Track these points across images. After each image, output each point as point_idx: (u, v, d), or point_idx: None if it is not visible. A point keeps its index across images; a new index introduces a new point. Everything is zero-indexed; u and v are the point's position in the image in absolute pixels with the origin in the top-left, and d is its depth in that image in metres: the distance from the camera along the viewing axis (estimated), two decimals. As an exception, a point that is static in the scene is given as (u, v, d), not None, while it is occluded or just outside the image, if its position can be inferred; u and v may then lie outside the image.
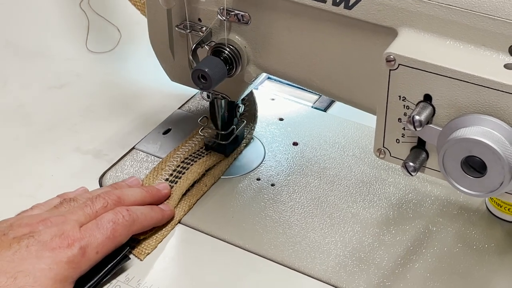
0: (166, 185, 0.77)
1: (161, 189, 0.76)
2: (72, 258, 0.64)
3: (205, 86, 0.68)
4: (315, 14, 0.64)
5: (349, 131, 0.86)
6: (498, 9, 0.55)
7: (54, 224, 0.66)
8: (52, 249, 0.64)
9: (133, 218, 0.69)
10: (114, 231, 0.68)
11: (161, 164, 0.80)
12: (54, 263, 0.63)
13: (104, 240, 0.67)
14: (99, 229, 0.67)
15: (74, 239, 0.65)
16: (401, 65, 0.56)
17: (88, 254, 0.66)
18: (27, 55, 1.00)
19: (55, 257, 0.64)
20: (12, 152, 0.84)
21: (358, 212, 0.76)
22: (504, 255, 0.71)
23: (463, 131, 0.55)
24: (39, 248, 0.64)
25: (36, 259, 0.63)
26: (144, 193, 0.74)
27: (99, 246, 0.66)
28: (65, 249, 0.64)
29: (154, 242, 0.73)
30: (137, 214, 0.70)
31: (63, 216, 0.68)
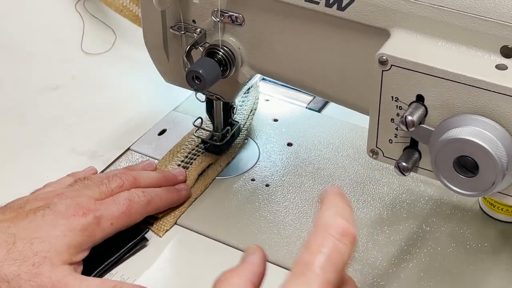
0: (182, 170, 0.78)
1: (177, 174, 0.77)
2: (86, 226, 0.66)
3: (199, 87, 0.69)
4: (309, 15, 0.64)
5: (343, 132, 0.86)
6: (490, 10, 0.55)
7: (69, 197, 0.68)
8: (67, 217, 0.66)
9: (148, 198, 0.71)
10: (130, 207, 0.69)
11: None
12: (69, 230, 0.65)
13: (119, 214, 0.68)
14: (115, 203, 0.69)
15: (89, 209, 0.67)
16: (394, 66, 0.57)
17: (102, 224, 0.67)
18: (22, 56, 1.00)
19: (70, 224, 0.65)
20: (7, 153, 0.84)
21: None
22: (498, 255, 0.71)
23: (455, 131, 0.55)
24: (54, 217, 0.66)
25: (52, 226, 0.65)
26: (160, 176, 0.75)
27: (114, 219, 0.68)
28: (80, 217, 0.66)
29: (172, 218, 0.75)
30: (152, 196, 0.72)
31: (78, 191, 0.70)
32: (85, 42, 1.02)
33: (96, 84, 0.95)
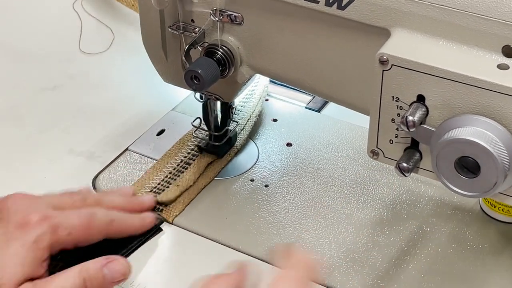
0: (150, 197, 0.75)
1: (144, 201, 0.74)
2: (40, 236, 0.61)
3: (198, 87, 0.68)
4: (308, 14, 0.64)
5: (343, 132, 0.86)
6: (491, 9, 0.55)
7: (24, 203, 0.64)
8: (20, 229, 0.61)
9: (111, 218, 0.67)
10: (91, 221, 0.65)
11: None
12: (21, 245, 0.60)
13: (78, 225, 0.64)
14: (76, 214, 0.64)
15: (45, 216, 0.62)
16: (394, 66, 0.56)
17: (59, 233, 0.62)
18: (20, 56, 1.00)
19: (23, 238, 0.61)
20: (5, 154, 0.84)
21: (352, 213, 0.76)
22: (498, 255, 0.71)
23: (457, 131, 0.55)
24: (6, 231, 0.61)
25: (3, 243, 0.61)
26: (125, 202, 0.72)
27: (72, 228, 0.63)
28: (34, 226, 0.61)
29: (181, 205, 0.76)
30: (115, 217, 0.68)
31: (37, 197, 0.66)
32: (83, 41, 1.01)
33: (94, 84, 0.95)
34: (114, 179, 0.80)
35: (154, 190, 0.77)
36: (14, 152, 0.84)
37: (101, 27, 1.03)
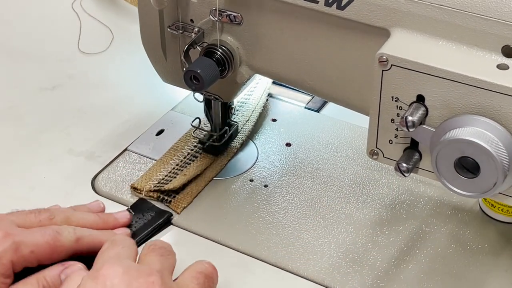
0: (126, 213, 0.73)
1: (118, 218, 0.72)
2: (2, 253, 0.61)
3: (197, 87, 0.68)
4: (308, 14, 0.63)
5: (342, 132, 0.86)
6: (491, 9, 0.55)
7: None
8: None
9: (78, 236, 0.65)
10: (56, 239, 0.64)
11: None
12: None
13: (42, 243, 0.63)
14: (40, 231, 0.64)
15: (7, 233, 0.62)
16: (394, 66, 0.56)
17: (21, 250, 0.62)
18: (19, 56, 1.00)
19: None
20: (4, 154, 0.84)
21: (351, 213, 0.75)
22: (498, 256, 0.71)
23: (456, 131, 0.55)
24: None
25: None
26: (97, 219, 0.70)
27: (35, 246, 0.62)
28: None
29: (189, 197, 0.77)
30: (83, 234, 0.66)
31: (2, 215, 0.65)
32: (82, 41, 1.01)
33: (93, 84, 0.95)
34: (113, 179, 0.80)
35: (162, 182, 0.78)
36: (14, 152, 0.84)
37: (100, 27, 1.03)
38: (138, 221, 0.74)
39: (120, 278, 0.57)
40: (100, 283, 0.57)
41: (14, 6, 1.09)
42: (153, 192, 0.77)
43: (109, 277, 0.57)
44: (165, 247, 0.65)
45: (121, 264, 0.59)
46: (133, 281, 0.57)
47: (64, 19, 1.05)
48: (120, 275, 0.57)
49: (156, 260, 0.62)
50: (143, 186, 0.78)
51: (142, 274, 0.58)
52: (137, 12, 0.74)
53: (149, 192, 0.77)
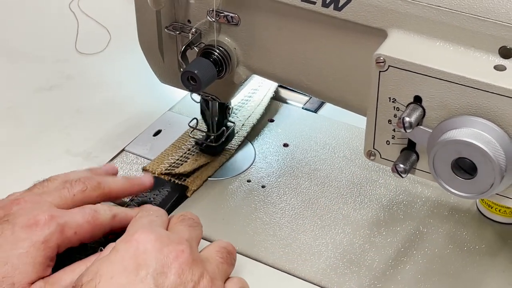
0: (150, 176, 0.75)
1: (143, 180, 0.74)
2: (49, 236, 0.62)
3: (194, 88, 0.68)
4: (305, 15, 0.63)
5: (340, 133, 0.86)
6: (488, 11, 0.55)
7: (28, 204, 0.65)
8: (28, 230, 0.62)
9: (114, 213, 0.68)
10: (95, 218, 0.66)
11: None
12: (31, 245, 0.62)
13: (83, 223, 0.65)
14: (79, 212, 0.65)
15: (51, 216, 0.63)
16: (391, 67, 0.56)
17: (66, 232, 0.64)
18: (16, 57, 1.00)
19: (31, 238, 0.62)
20: (2, 154, 0.84)
21: (348, 213, 0.75)
22: (495, 256, 0.71)
23: (453, 132, 0.55)
24: (13, 232, 0.62)
25: (12, 244, 0.62)
26: (125, 182, 0.72)
27: (78, 227, 0.64)
28: (41, 228, 0.62)
29: (199, 180, 0.79)
30: (118, 211, 0.69)
31: (38, 196, 0.66)
32: (80, 42, 1.01)
33: (91, 85, 0.95)
34: (111, 179, 0.80)
35: (173, 165, 0.80)
36: (11, 152, 0.84)
37: (98, 27, 1.03)
38: (156, 198, 0.76)
39: (152, 244, 0.60)
40: (133, 247, 0.60)
41: (12, 7, 1.09)
42: (164, 175, 0.79)
43: (142, 242, 0.60)
44: (194, 219, 0.68)
45: (154, 231, 0.61)
46: (164, 248, 0.60)
47: (62, 19, 1.05)
48: (152, 241, 0.60)
49: (185, 230, 0.65)
50: (154, 169, 0.79)
51: (173, 242, 0.61)
52: (134, 13, 0.74)
53: (160, 174, 0.79)
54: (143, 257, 0.59)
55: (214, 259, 0.64)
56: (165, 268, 0.59)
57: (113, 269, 0.58)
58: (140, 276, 0.58)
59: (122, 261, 0.59)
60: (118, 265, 0.58)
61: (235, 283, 0.64)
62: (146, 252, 0.59)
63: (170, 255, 0.59)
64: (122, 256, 0.59)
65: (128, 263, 0.58)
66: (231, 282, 0.64)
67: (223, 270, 0.64)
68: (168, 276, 0.58)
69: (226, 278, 0.65)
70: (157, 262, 0.59)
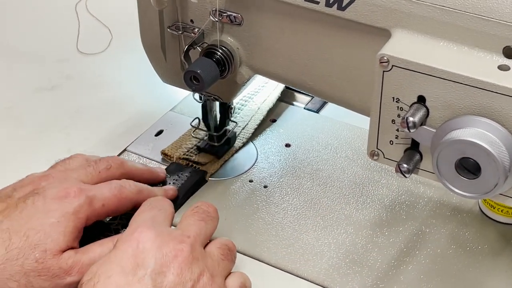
0: (162, 169, 0.78)
1: (158, 171, 0.77)
2: (78, 208, 0.65)
3: (197, 88, 0.68)
4: (308, 15, 0.63)
5: (342, 133, 0.86)
6: (492, 10, 0.55)
7: (56, 179, 0.68)
8: (58, 201, 0.65)
9: (139, 188, 0.70)
10: (121, 191, 0.68)
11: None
12: (62, 216, 0.64)
13: (110, 196, 0.67)
14: (106, 186, 0.68)
15: (80, 189, 0.66)
16: (395, 67, 0.56)
17: (94, 204, 0.66)
18: (17, 56, 1.00)
19: (62, 209, 0.64)
20: (2, 154, 0.84)
21: (351, 213, 0.75)
22: (498, 257, 0.71)
23: (457, 132, 0.55)
24: (44, 203, 0.64)
25: (44, 213, 0.64)
26: (144, 167, 0.76)
27: (106, 200, 0.67)
28: (71, 199, 0.65)
29: (217, 165, 0.80)
30: (142, 187, 0.71)
31: (63, 173, 0.69)
32: (81, 41, 1.01)
33: (92, 85, 0.95)
34: (113, 179, 0.79)
35: (191, 150, 0.81)
36: (12, 152, 0.84)
37: (99, 27, 1.03)
38: (176, 182, 0.77)
39: (151, 242, 0.60)
40: (132, 246, 0.60)
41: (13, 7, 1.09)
42: (182, 160, 0.80)
43: (142, 241, 0.60)
44: (208, 212, 0.68)
45: (154, 229, 0.62)
46: (163, 246, 0.60)
47: (63, 19, 1.05)
48: (152, 240, 0.60)
49: (193, 224, 0.65)
50: (173, 153, 0.80)
51: (173, 240, 0.61)
52: (136, 12, 0.74)
53: (178, 159, 0.80)
54: (142, 257, 0.59)
55: (215, 256, 0.64)
56: (164, 268, 0.59)
57: (112, 269, 0.59)
58: (138, 276, 0.58)
59: (121, 261, 0.59)
60: (117, 265, 0.59)
61: (236, 278, 0.65)
62: (145, 251, 0.60)
63: (169, 254, 0.60)
64: (121, 255, 0.60)
65: (126, 262, 0.59)
66: (232, 277, 0.65)
67: (224, 266, 0.64)
68: (167, 276, 0.59)
69: (228, 274, 0.65)
70: (156, 262, 0.59)
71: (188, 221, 0.66)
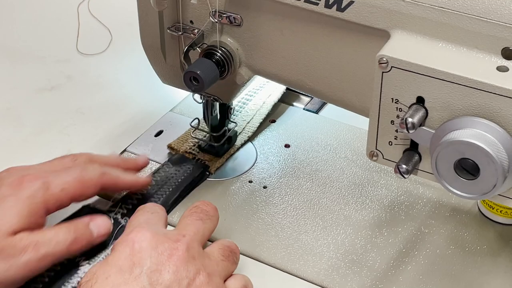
0: (144, 156, 0.79)
1: (138, 160, 0.77)
2: (34, 192, 0.65)
3: (197, 89, 0.68)
4: (308, 16, 0.63)
5: (341, 133, 0.86)
6: (491, 11, 0.55)
7: (17, 171, 0.68)
8: (13, 188, 0.65)
9: (102, 171, 0.70)
10: (82, 175, 0.68)
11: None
12: (16, 199, 0.65)
13: (71, 180, 0.67)
14: (66, 171, 0.68)
15: (37, 176, 0.66)
16: (394, 68, 0.56)
17: (52, 189, 0.66)
18: (17, 57, 1.00)
19: (16, 194, 0.65)
20: (2, 155, 0.84)
21: (350, 214, 0.76)
22: (496, 257, 0.71)
23: (456, 133, 0.55)
24: (1, 190, 0.65)
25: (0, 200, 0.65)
26: (118, 159, 0.75)
27: (65, 184, 0.67)
28: (26, 185, 0.65)
29: (223, 158, 0.81)
30: (107, 170, 0.70)
31: (26, 166, 0.70)
32: (81, 42, 1.01)
33: (92, 85, 0.95)
34: (112, 180, 0.80)
35: (198, 144, 0.82)
36: (12, 153, 0.84)
37: (99, 27, 1.03)
38: (177, 174, 0.78)
39: (147, 242, 0.61)
40: (128, 246, 0.61)
41: (13, 7, 1.09)
42: (188, 154, 0.81)
43: (138, 241, 0.61)
44: (207, 211, 0.68)
45: (150, 229, 0.63)
46: (159, 246, 0.61)
47: (63, 19, 1.05)
48: (148, 239, 0.61)
49: (191, 223, 0.66)
50: (179, 147, 0.82)
51: (169, 239, 0.62)
52: (135, 13, 0.74)
53: (184, 152, 0.81)
54: (139, 256, 0.60)
55: (215, 257, 0.64)
56: (159, 266, 0.60)
57: (110, 270, 0.60)
58: (135, 274, 0.59)
59: (118, 261, 0.60)
60: (114, 265, 0.60)
61: (238, 280, 0.65)
62: (141, 250, 0.60)
63: (164, 253, 0.61)
64: (118, 256, 0.60)
65: (123, 262, 0.60)
66: (233, 279, 0.65)
67: (223, 267, 0.64)
68: (163, 274, 0.59)
69: (229, 276, 0.65)
70: (152, 260, 0.60)
71: (186, 221, 0.66)
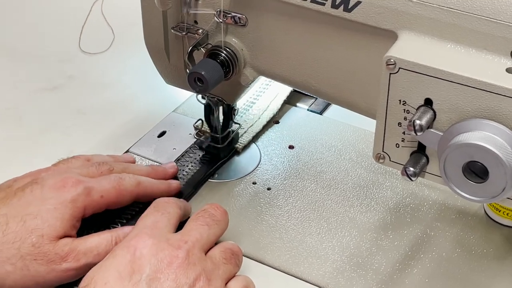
0: (173, 164, 0.78)
1: (167, 168, 0.77)
2: (76, 197, 0.66)
3: (201, 89, 0.68)
4: (314, 16, 0.63)
5: (346, 134, 0.85)
6: (500, 13, 0.54)
7: (56, 171, 0.69)
8: (56, 190, 0.66)
9: (138, 180, 0.71)
10: (120, 184, 0.69)
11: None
12: (59, 203, 0.65)
13: (109, 188, 0.68)
14: (105, 179, 0.69)
15: (78, 180, 0.67)
16: (402, 69, 0.56)
17: (92, 195, 0.67)
18: (19, 56, 0.99)
19: (59, 197, 0.65)
20: (4, 155, 0.83)
21: (355, 216, 0.75)
22: (503, 260, 0.70)
23: (465, 136, 0.54)
24: (42, 191, 0.65)
25: (41, 200, 0.65)
26: (149, 169, 0.76)
27: (104, 191, 0.68)
28: (69, 188, 0.66)
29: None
30: (142, 180, 0.72)
31: (66, 166, 0.71)
32: (83, 41, 1.00)
33: (94, 85, 0.94)
34: (115, 181, 0.79)
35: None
36: (13, 153, 0.84)
37: (102, 26, 1.02)
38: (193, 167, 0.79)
39: (148, 249, 0.61)
40: (130, 252, 0.61)
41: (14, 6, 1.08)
42: None
43: (139, 248, 0.61)
44: (215, 215, 0.68)
45: (153, 235, 0.63)
46: (159, 252, 0.61)
47: (65, 18, 1.05)
48: (149, 246, 0.61)
49: (195, 228, 0.65)
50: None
51: (170, 247, 0.62)
52: (138, 13, 0.73)
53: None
54: (139, 263, 0.60)
55: (216, 259, 0.64)
56: (159, 274, 0.60)
57: (109, 275, 0.60)
58: (134, 281, 0.59)
59: (118, 266, 0.60)
60: (114, 271, 0.60)
61: (239, 281, 0.65)
62: (141, 257, 0.60)
63: (164, 261, 0.61)
64: (118, 262, 0.60)
65: (123, 268, 0.60)
66: (234, 281, 0.65)
67: (225, 270, 0.64)
68: (162, 282, 0.59)
69: (230, 278, 0.65)
70: (151, 268, 0.60)
71: (191, 226, 0.66)
